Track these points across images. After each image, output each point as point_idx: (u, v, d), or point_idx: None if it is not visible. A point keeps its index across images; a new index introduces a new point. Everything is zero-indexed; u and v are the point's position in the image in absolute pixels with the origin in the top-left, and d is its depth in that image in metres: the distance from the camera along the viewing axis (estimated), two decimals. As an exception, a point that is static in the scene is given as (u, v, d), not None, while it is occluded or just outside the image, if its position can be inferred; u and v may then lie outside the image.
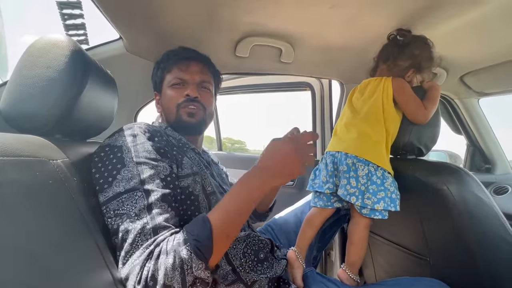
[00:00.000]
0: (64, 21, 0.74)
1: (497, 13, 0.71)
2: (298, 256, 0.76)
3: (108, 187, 0.49)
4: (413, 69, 0.81)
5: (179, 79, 0.73)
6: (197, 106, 0.72)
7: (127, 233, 0.45)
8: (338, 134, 0.84)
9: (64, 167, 0.45)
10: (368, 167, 0.74)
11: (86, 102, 0.54)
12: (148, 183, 0.50)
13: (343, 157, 0.77)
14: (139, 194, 0.48)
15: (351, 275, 0.75)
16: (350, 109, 0.85)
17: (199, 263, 0.43)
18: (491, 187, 1.40)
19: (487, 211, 0.67)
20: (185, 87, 0.73)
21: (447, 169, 0.72)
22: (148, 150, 0.54)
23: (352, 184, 0.73)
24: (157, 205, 0.48)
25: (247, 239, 0.65)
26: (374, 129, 0.77)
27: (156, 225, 0.46)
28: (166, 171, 0.54)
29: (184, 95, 0.71)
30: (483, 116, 1.45)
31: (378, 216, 0.72)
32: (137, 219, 0.46)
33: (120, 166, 0.51)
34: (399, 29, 0.81)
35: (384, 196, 0.72)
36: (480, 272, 0.65)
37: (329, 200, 0.81)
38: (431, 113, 0.77)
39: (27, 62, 0.51)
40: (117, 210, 0.47)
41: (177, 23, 0.82)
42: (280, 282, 0.64)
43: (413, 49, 0.79)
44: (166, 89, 0.74)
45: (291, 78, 1.60)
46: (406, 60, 0.80)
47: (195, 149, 0.71)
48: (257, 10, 0.76)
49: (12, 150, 0.37)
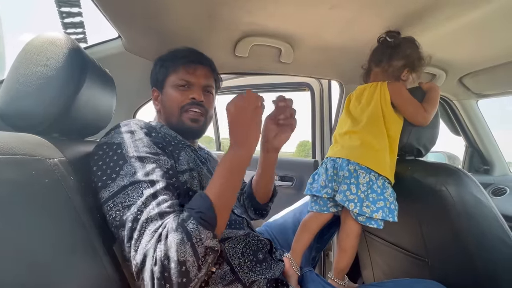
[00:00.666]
0: (63, 19, 0.74)
1: (496, 15, 0.71)
2: (292, 263, 0.75)
3: (112, 182, 0.49)
4: (408, 69, 0.82)
5: (185, 81, 0.73)
6: (201, 110, 0.73)
7: (135, 221, 0.46)
8: (340, 142, 0.83)
9: (61, 166, 0.45)
10: (369, 175, 0.74)
11: (84, 100, 0.54)
12: (152, 175, 0.51)
13: (344, 163, 0.77)
14: (145, 185, 0.49)
15: (340, 282, 0.75)
16: (349, 117, 0.85)
17: (207, 232, 0.45)
18: (489, 188, 1.41)
19: (486, 212, 0.67)
20: (190, 90, 0.73)
21: (445, 170, 0.72)
22: (148, 145, 0.55)
23: (352, 190, 0.73)
24: (161, 193, 0.49)
25: (246, 239, 0.64)
26: (377, 137, 0.77)
27: (162, 210, 0.47)
28: (167, 164, 0.55)
29: (189, 98, 0.72)
30: (482, 118, 1.46)
31: (373, 225, 0.72)
32: (144, 207, 0.47)
33: (122, 162, 0.51)
34: (388, 31, 0.82)
35: (383, 205, 0.72)
36: (479, 273, 0.65)
37: (325, 205, 0.81)
38: (431, 114, 0.77)
39: (24, 60, 0.51)
40: (124, 202, 0.48)
41: (176, 23, 0.81)
42: (278, 284, 0.64)
43: (405, 49, 0.81)
44: (169, 89, 0.74)
45: (290, 78, 1.60)
46: (399, 60, 0.81)
47: (190, 146, 0.72)
48: (257, 10, 0.75)
49: (7, 148, 0.37)
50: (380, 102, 0.79)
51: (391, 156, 0.77)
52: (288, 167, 1.62)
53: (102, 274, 0.45)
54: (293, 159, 1.82)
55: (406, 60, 0.81)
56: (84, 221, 0.44)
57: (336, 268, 0.78)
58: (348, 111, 0.87)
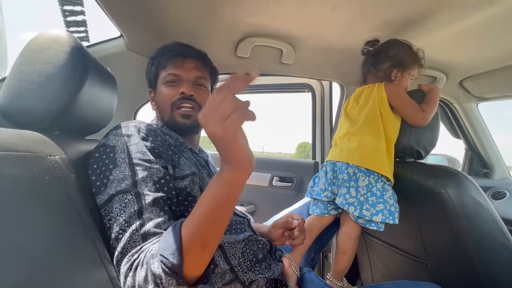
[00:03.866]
0: (65, 18, 0.74)
1: (497, 18, 0.71)
2: (291, 263, 0.74)
3: (103, 190, 0.48)
4: (396, 69, 0.83)
5: (174, 75, 0.70)
6: (192, 105, 0.69)
7: (117, 240, 0.45)
8: (339, 145, 0.84)
9: (62, 164, 0.45)
10: (369, 178, 0.74)
11: (85, 99, 0.54)
12: (140, 186, 0.48)
13: (343, 166, 0.77)
14: (129, 197, 0.47)
15: (338, 284, 0.75)
16: (347, 119, 0.86)
17: (168, 279, 0.38)
18: (489, 191, 1.41)
19: (486, 215, 0.67)
20: (180, 85, 0.70)
21: (445, 173, 0.72)
22: (142, 151, 0.52)
23: (352, 193, 0.74)
24: (148, 209, 0.46)
25: (246, 239, 0.64)
26: (373, 136, 0.77)
27: (145, 231, 0.44)
28: (159, 173, 0.52)
29: (179, 92, 0.68)
30: (482, 121, 1.46)
31: (373, 227, 0.72)
32: (127, 225, 0.45)
33: (112, 167, 0.50)
34: (367, 41, 0.85)
35: (383, 208, 0.72)
36: (478, 276, 0.65)
37: (326, 208, 0.81)
38: (430, 115, 0.77)
39: (26, 57, 0.51)
40: (110, 214, 0.47)
41: (178, 22, 0.82)
42: (277, 284, 0.64)
43: (387, 52, 0.83)
44: (161, 86, 0.72)
45: (291, 79, 1.60)
46: (384, 63, 0.83)
47: (192, 148, 0.71)
48: (258, 11, 0.76)
49: (9, 144, 0.37)
50: (378, 103, 0.79)
51: (388, 156, 0.77)
52: (288, 168, 1.62)
53: (102, 272, 0.45)
54: (293, 160, 1.82)
55: (391, 61, 0.83)
56: (84, 219, 0.44)
57: (334, 270, 0.78)
58: (346, 113, 0.88)
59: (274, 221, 0.78)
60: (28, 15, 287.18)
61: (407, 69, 0.83)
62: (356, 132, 0.80)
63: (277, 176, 1.60)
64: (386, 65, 0.83)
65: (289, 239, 0.74)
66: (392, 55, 0.82)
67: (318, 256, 0.96)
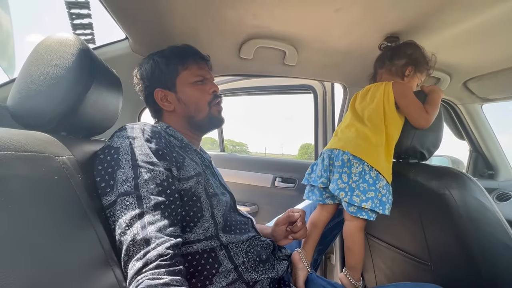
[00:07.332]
0: (72, 21, 0.75)
1: (501, 19, 0.71)
2: (302, 258, 0.76)
3: (108, 191, 0.49)
4: (411, 66, 0.84)
5: (201, 76, 0.75)
6: (222, 102, 0.78)
7: (121, 243, 0.46)
8: (339, 134, 0.86)
9: (69, 164, 0.46)
10: (363, 166, 0.74)
11: (92, 100, 0.55)
12: (142, 189, 0.49)
13: (340, 153, 0.78)
14: (131, 200, 0.48)
15: (351, 280, 0.74)
16: (352, 113, 0.87)
17: None
18: (494, 193, 1.40)
19: (490, 217, 0.67)
20: (206, 85, 0.75)
21: (449, 174, 0.72)
22: (146, 153, 0.53)
23: (344, 179, 0.74)
24: (149, 213, 0.47)
25: (250, 239, 0.65)
26: (374, 132, 0.77)
27: (147, 235, 0.45)
28: (162, 175, 0.53)
29: (209, 92, 0.74)
30: (486, 122, 1.45)
31: (364, 216, 0.72)
32: (127, 229, 0.46)
33: (116, 168, 0.51)
34: (387, 36, 0.86)
35: (374, 196, 0.71)
36: (482, 278, 0.65)
37: (321, 195, 0.82)
38: (432, 117, 0.77)
39: (35, 60, 0.52)
40: (113, 216, 0.48)
41: (182, 24, 0.83)
42: (281, 284, 0.64)
43: (405, 50, 0.84)
44: (186, 87, 0.72)
45: (294, 80, 1.60)
46: (401, 58, 0.85)
47: (196, 150, 0.72)
48: (262, 13, 0.76)
49: (20, 145, 0.38)
50: (383, 100, 0.80)
51: (386, 155, 0.77)
52: (290, 169, 1.62)
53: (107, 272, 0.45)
54: (295, 161, 1.82)
55: (408, 59, 0.84)
56: (91, 219, 0.45)
57: (346, 265, 0.78)
58: (353, 108, 0.88)
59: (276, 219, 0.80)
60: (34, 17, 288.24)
61: (420, 70, 0.85)
62: (356, 125, 0.81)
63: (279, 177, 1.61)
64: (402, 61, 0.85)
65: (292, 233, 0.75)
66: (410, 53, 0.84)
67: (320, 257, 0.96)
